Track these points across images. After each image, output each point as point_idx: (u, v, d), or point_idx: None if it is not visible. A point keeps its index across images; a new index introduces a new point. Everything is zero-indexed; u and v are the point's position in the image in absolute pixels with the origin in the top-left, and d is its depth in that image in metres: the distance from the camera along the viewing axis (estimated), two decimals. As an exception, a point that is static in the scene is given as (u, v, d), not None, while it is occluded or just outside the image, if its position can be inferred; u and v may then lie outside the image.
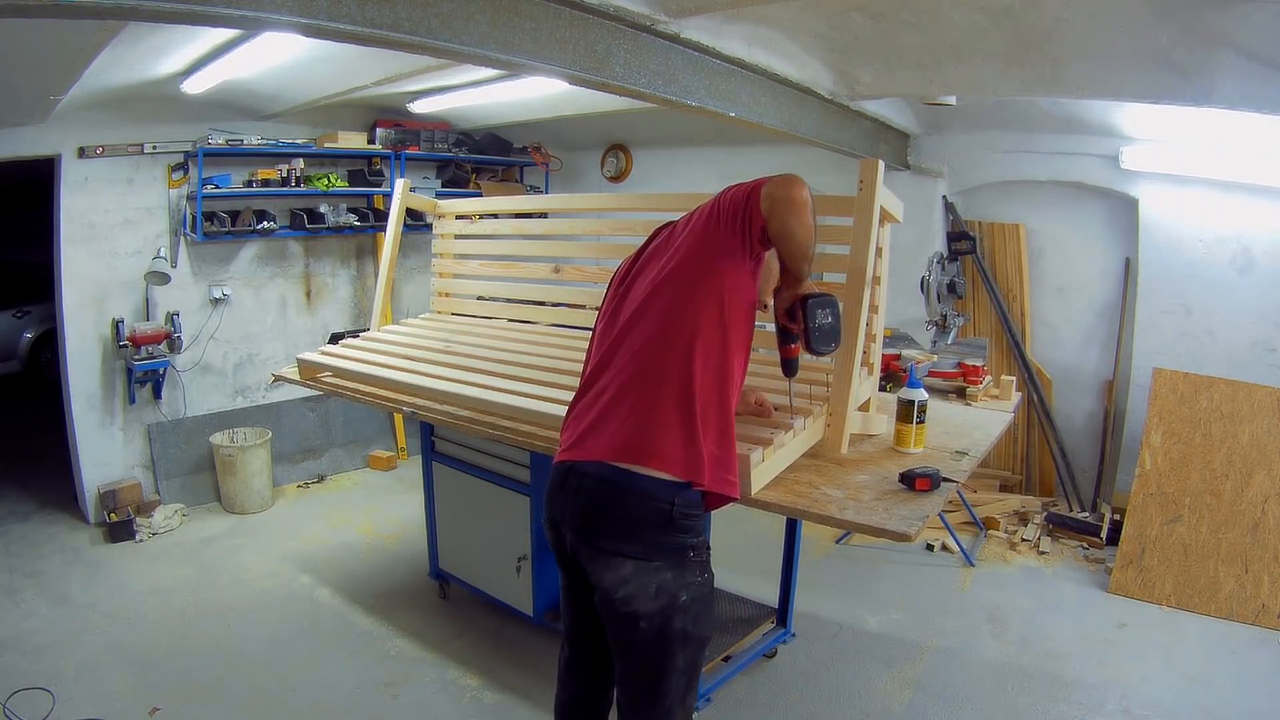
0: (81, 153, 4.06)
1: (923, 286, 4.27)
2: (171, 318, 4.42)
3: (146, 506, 4.32)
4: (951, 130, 4.56)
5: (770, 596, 3.17)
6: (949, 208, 4.68)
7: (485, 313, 3.57)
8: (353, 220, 4.96)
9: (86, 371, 4.26)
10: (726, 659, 2.88)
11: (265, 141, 4.59)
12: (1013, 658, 3.13)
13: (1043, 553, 3.99)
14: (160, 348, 4.31)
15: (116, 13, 1.72)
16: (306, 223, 4.79)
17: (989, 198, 4.68)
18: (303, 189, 4.74)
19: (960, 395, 2.97)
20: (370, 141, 5.09)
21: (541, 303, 3.51)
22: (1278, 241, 3.85)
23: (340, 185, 4.94)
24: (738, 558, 3.74)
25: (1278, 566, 3.39)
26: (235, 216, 4.54)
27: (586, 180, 6.15)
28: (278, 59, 3.32)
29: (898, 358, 3.30)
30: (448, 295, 3.68)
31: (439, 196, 4.37)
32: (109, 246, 4.25)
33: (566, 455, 1.74)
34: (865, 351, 2.28)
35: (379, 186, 5.10)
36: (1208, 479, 3.59)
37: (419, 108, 4.88)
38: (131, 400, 4.39)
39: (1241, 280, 3.96)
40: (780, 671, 3.02)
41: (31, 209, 5.90)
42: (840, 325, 1.80)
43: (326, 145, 4.88)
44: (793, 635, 3.14)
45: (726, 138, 5.11)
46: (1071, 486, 4.46)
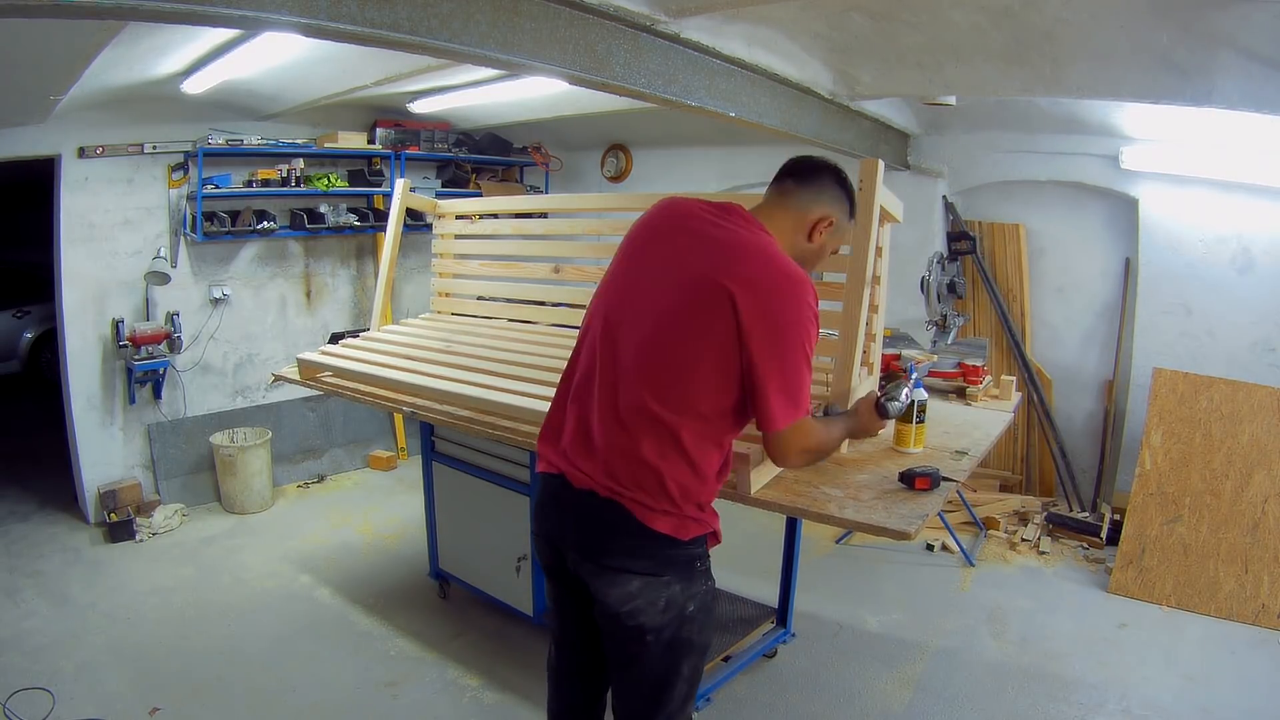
0: (81, 153, 4.06)
1: (923, 286, 4.27)
2: (171, 318, 4.42)
3: (146, 506, 4.32)
4: (951, 130, 4.56)
5: (770, 596, 3.17)
6: (949, 208, 4.68)
7: (485, 313, 3.56)
8: (353, 220, 4.96)
9: (86, 371, 4.26)
10: (726, 659, 2.88)
11: (265, 141, 4.58)
12: (1013, 658, 3.13)
13: (1043, 553, 3.99)
14: (160, 348, 4.31)
15: (116, 13, 1.71)
16: (306, 223, 4.79)
17: (989, 198, 4.68)
18: (303, 189, 4.74)
19: (960, 395, 2.96)
20: (370, 141, 5.09)
21: (541, 303, 3.51)
22: (1278, 241, 3.85)
23: (340, 185, 4.94)
24: (738, 558, 3.74)
25: (1278, 566, 3.39)
26: (235, 216, 4.54)
27: (586, 180, 6.15)
28: (278, 59, 3.32)
29: (898, 358, 3.30)
30: (448, 295, 3.68)
31: (439, 196, 4.37)
32: (109, 246, 4.25)
33: (560, 468, 1.68)
34: (865, 351, 2.27)
35: (379, 186, 5.10)
36: (1208, 479, 3.59)
37: (419, 108, 4.88)
38: (131, 400, 4.39)
39: (1241, 280, 3.96)
40: (780, 671, 3.02)
41: (31, 209, 5.90)
42: (906, 395, 1.86)
43: (326, 145, 4.87)
44: (793, 635, 3.14)
45: (726, 138, 5.11)
46: (1071, 486, 4.46)
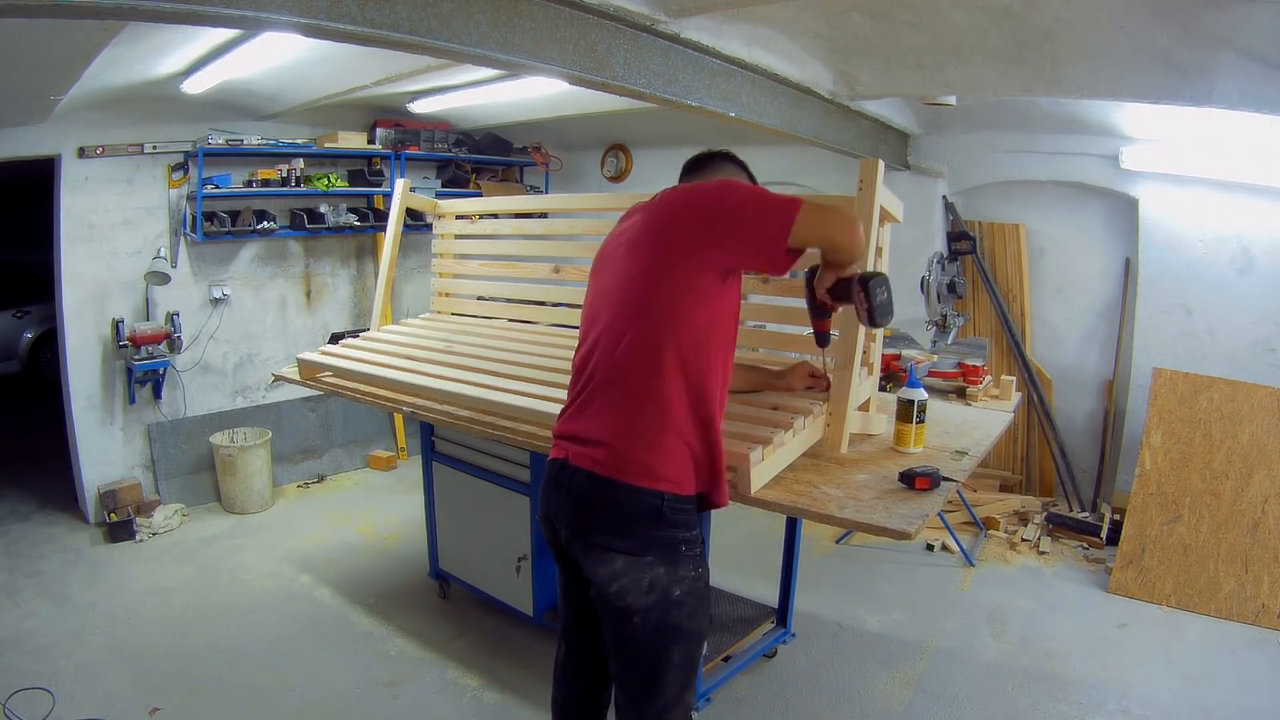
0: (81, 153, 4.06)
1: (923, 286, 4.27)
2: (171, 318, 4.42)
3: (146, 506, 4.32)
4: (951, 130, 4.56)
5: (770, 596, 3.17)
6: (949, 208, 4.68)
7: (485, 313, 3.56)
8: (353, 220, 4.96)
9: (86, 371, 4.26)
10: (726, 659, 2.88)
11: (265, 141, 4.59)
12: (1013, 658, 3.13)
13: (1043, 553, 3.99)
14: (160, 348, 4.31)
15: (116, 13, 1.71)
16: (306, 223, 4.79)
17: (989, 198, 4.68)
18: (303, 189, 4.74)
19: (960, 395, 2.97)
20: (370, 141, 5.09)
21: (541, 303, 3.51)
22: (1278, 241, 3.85)
23: (340, 185, 4.94)
24: (738, 558, 3.75)
25: (1278, 566, 3.39)
26: (235, 216, 4.54)
27: (586, 180, 6.15)
28: (278, 59, 3.32)
29: (898, 358, 3.30)
30: (448, 295, 3.68)
31: (439, 196, 4.37)
32: (109, 246, 4.25)
33: (560, 453, 1.76)
34: (865, 351, 2.28)
35: (379, 186, 5.10)
36: (1208, 479, 3.59)
37: (419, 108, 4.88)
38: (131, 400, 4.39)
39: (1241, 280, 3.96)
40: (780, 671, 3.02)
41: (31, 209, 5.90)
42: (893, 298, 1.79)
43: (326, 145, 4.88)
44: (793, 635, 3.15)
45: (726, 138, 5.08)
46: (1071, 486, 4.46)
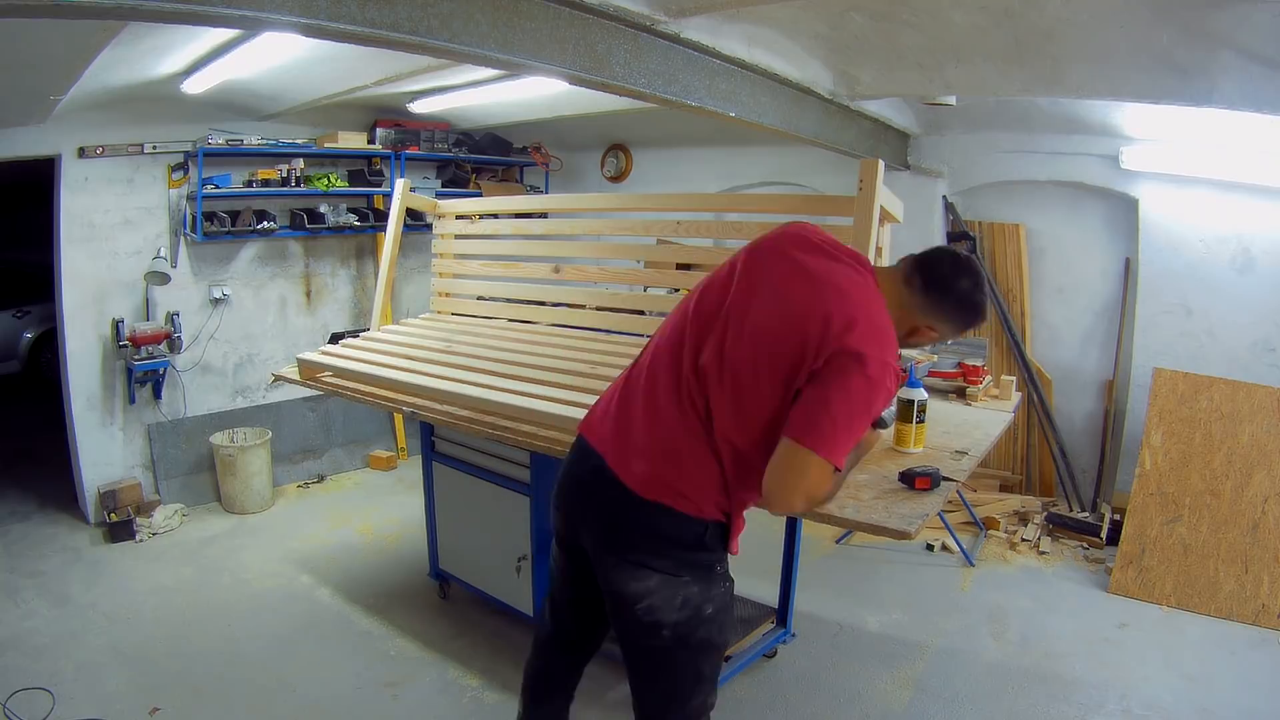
0: (81, 153, 4.06)
1: (923, 286, 4.26)
2: (171, 318, 4.42)
3: (146, 506, 4.32)
4: (951, 130, 4.56)
5: (770, 596, 3.17)
6: (949, 208, 4.68)
7: (485, 313, 3.57)
8: (353, 220, 4.96)
9: (86, 371, 4.26)
10: (727, 659, 2.87)
11: (265, 141, 4.58)
12: (1013, 658, 3.13)
13: (1043, 553, 3.99)
14: (160, 348, 4.31)
15: (116, 13, 1.72)
16: (306, 223, 4.79)
17: (989, 198, 4.68)
18: (303, 189, 4.74)
19: (960, 395, 2.96)
20: (370, 141, 5.09)
21: (541, 303, 3.51)
22: (1278, 241, 3.85)
23: (340, 185, 4.94)
24: (738, 558, 3.74)
25: (1278, 566, 3.39)
26: (235, 216, 4.54)
27: (586, 180, 6.15)
28: (278, 59, 3.32)
29: (897, 358, 3.30)
30: (448, 295, 3.68)
31: (439, 196, 4.37)
32: (109, 246, 4.25)
33: (600, 450, 1.67)
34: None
35: (379, 186, 5.10)
36: (1208, 479, 3.59)
37: (419, 108, 4.88)
38: (131, 400, 4.39)
39: (1241, 280, 3.96)
40: (780, 671, 3.02)
41: (31, 209, 5.90)
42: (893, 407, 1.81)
43: (326, 145, 4.87)
44: (793, 635, 3.14)
45: (726, 138, 5.11)
46: (1071, 486, 4.46)
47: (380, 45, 2.04)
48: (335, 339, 3.43)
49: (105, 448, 4.36)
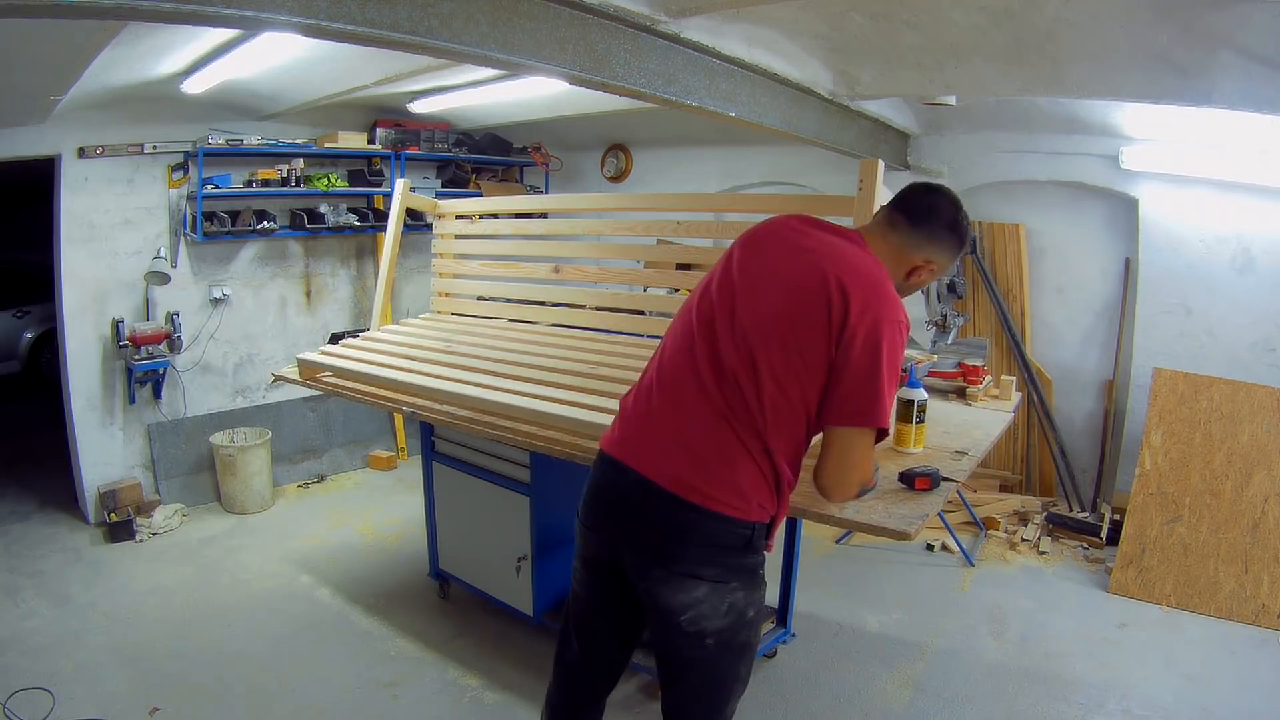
0: (81, 153, 4.06)
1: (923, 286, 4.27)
2: (171, 318, 4.42)
3: (146, 506, 4.32)
4: (951, 130, 4.56)
5: (770, 596, 3.14)
6: (949, 208, 4.67)
7: (485, 313, 3.56)
8: (353, 220, 4.96)
9: (86, 371, 4.26)
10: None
11: (265, 141, 4.58)
12: (1013, 658, 3.13)
13: (1043, 553, 3.99)
14: (160, 348, 4.30)
15: (116, 13, 1.71)
16: (306, 223, 4.79)
17: (989, 198, 4.67)
18: (303, 189, 4.74)
19: (960, 395, 2.96)
20: (370, 141, 5.09)
21: (541, 303, 3.51)
22: (1278, 241, 3.85)
23: (340, 185, 4.94)
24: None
25: (1278, 566, 3.39)
26: (235, 216, 4.54)
27: (586, 180, 6.15)
28: (278, 59, 3.32)
29: (898, 358, 3.29)
30: (448, 295, 3.68)
31: (439, 196, 4.37)
32: (109, 246, 4.25)
33: (634, 463, 1.63)
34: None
35: (379, 186, 5.10)
36: (1208, 479, 3.59)
37: (419, 108, 4.88)
38: (131, 400, 4.39)
39: (1241, 280, 3.96)
40: (780, 671, 3.02)
41: (31, 209, 5.90)
42: None
43: (326, 145, 4.87)
44: (793, 635, 3.15)
45: (727, 138, 5.11)
46: (1071, 486, 4.46)
47: (380, 45, 2.04)
48: (335, 339, 3.43)
49: (105, 448, 4.36)
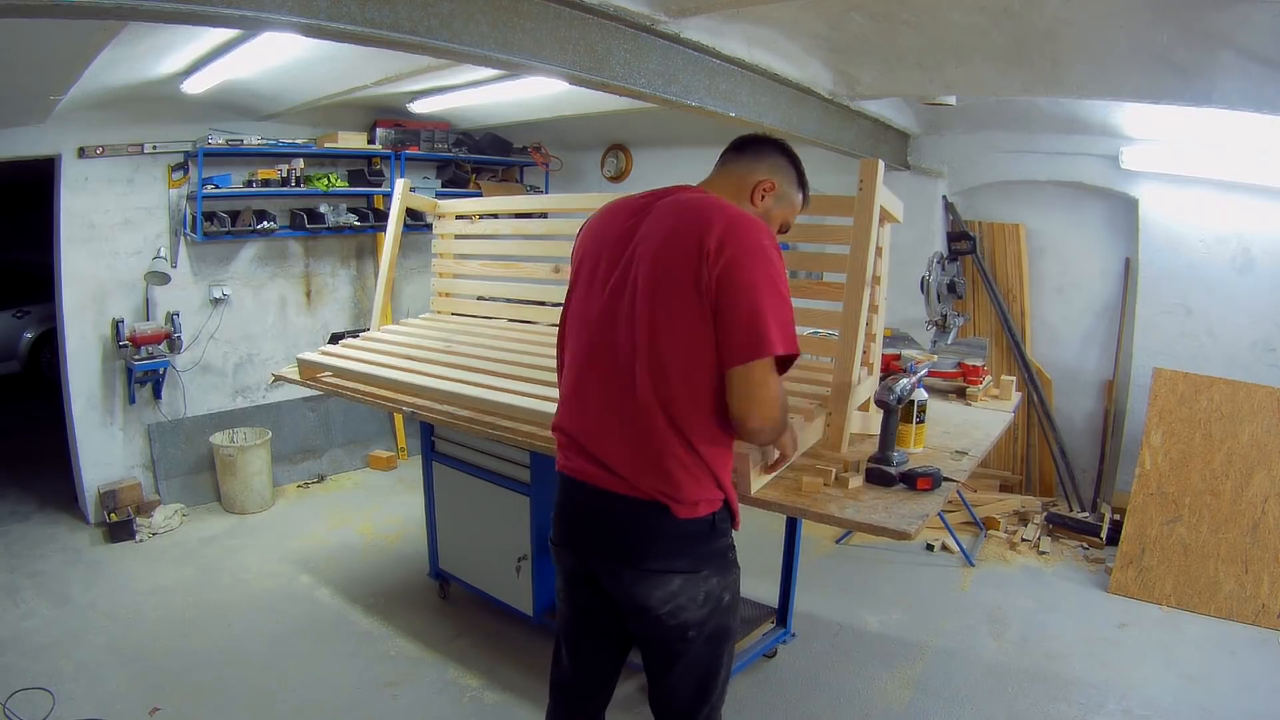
0: (81, 153, 4.06)
1: (923, 286, 4.27)
2: (171, 318, 4.42)
3: (146, 506, 4.32)
4: (951, 130, 4.56)
5: (770, 596, 3.17)
6: (949, 208, 4.68)
7: (485, 313, 3.57)
8: (353, 220, 4.96)
9: (86, 371, 4.26)
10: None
11: (265, 141, 4.58)
12: (1013, 658, 3.14)
13: (1043, 553, 3.99)
14: (160, 348, 4.30)
15: (116, 13, 1.71)
16: (306, 223, 4.79)
17: (989, 198, 4.68)
18: (303, 189, 4.74)
19: (960, 395, 2.96)
20: (370, 141, 5.09)
21: (541, 303, 3.51)
22: (1278, 241, 3.85)
23: (340, 185, 4.94)
24: (738, 557, 3.74)
25: (1278, 566, 3.39)
26: (235, 216, 4.54)
27: (586, 180, 6.15)
28: (278, 59, 3.32)
29: (898, 358, 3.30)
30: (448, 295, 3.68)
31: (439, 196, 4.37)
32: (109, 246, 4.25)
33: (586, 477, 1.65)
34: (865, 351, 2.27)
35: (379, 186, 5.10)
36: (1208, 479, 3.59)
37: (419, 108, 4.87)
38: (131, 400, 4.39)
39: (1241, 280, 3.96)
40: (780, 671, 3.02)
41: (31, 209, 5.90)
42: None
43: (326, 145, 4.87)
44: (793, 635, 3.15)
45: (727, 138, 5.05)
46: (1071, 486, 4.46)
47: (380, 45, 2.04)
48: (335, 339, 3.43)
49: (105, 448, 4.36)
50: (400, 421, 5.47)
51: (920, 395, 2.16)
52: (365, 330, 3.55)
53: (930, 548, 4.05)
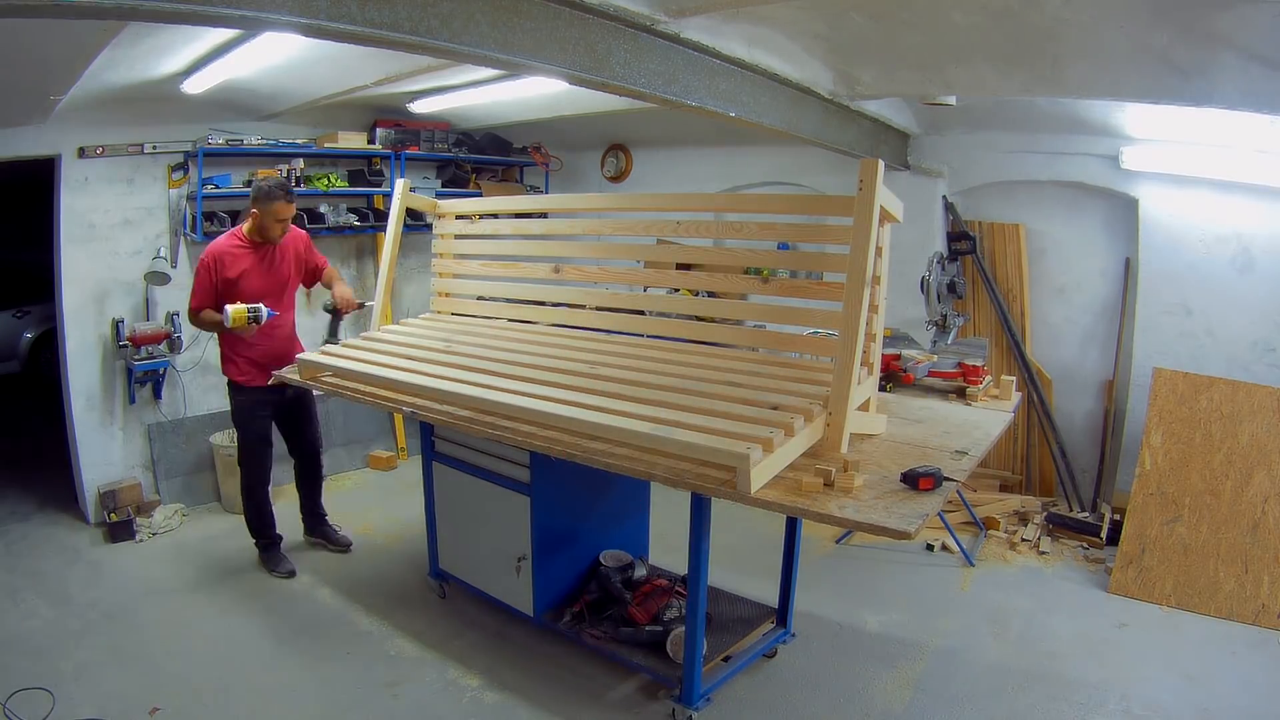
0: (81, 153, 4.06)
1: (923, 286, 4.27)
2: (171, 318, 4.42)
3: (146, 506, 4.32)
4: (951, 130, 4.56)
5: (770, 596, 3.17)
6: (949, 208, 4.68)
7: (485, 313, 3.57)
8: (353, 220, 4.96)
9: (86, 371, 4.26)
10: (726, 659, 2.88)
11: (265, 141, 4.59)
12: (1013, 658, 3.14)
13: (1043, 553, 3.99)
14: (160, 348, 4.31)
15: (116, 13, 1.72)
16: (306, 223, 4.78)
17: (989, 198, 4.68)
18: (303, 189, 4.74)
19: (960, 395, 2.97)
20: (370, 141, 5.09)
21: (541, 303, 3.52)
22: (1278, 241, 3.85)
23: (340, 185, 4.94)
24: (738, 558, 3.75)
25: (1278, 566, 3.39)
26: (235, 216, 4.53)
27: (586, 180, 6.16)
28: (278, 59, 3.32)
29: (898, 358, 3.30)
30: (448, 295, 3.68)
31: (439, 196, 4.37)
32: (109, 246, 4.25)
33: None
34: (865, 351, 2.28)
35: (379, 186, 5.10)
36: (1208, 479, 3.59)
37: (419, 108, 4.88)
38: (131, 400, 4.39)
39: (1241, 280, 3.96)
40: (780, 671, 3.02)
41: (31, 209, 5.90)
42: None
43: (326, 145, 4.88)
44: (793, 635, 3.14)
45: (726, 138, 5.11)
46: (1071, 486, 4.46)
47: (380, 45, 2.04)
48: (330, 311, 3.65)
49: (105, 448, 4.36)
50: (400, 421, 5.47)
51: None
52: (365, 330, 3.55)
53: (930, 548, 4.05)
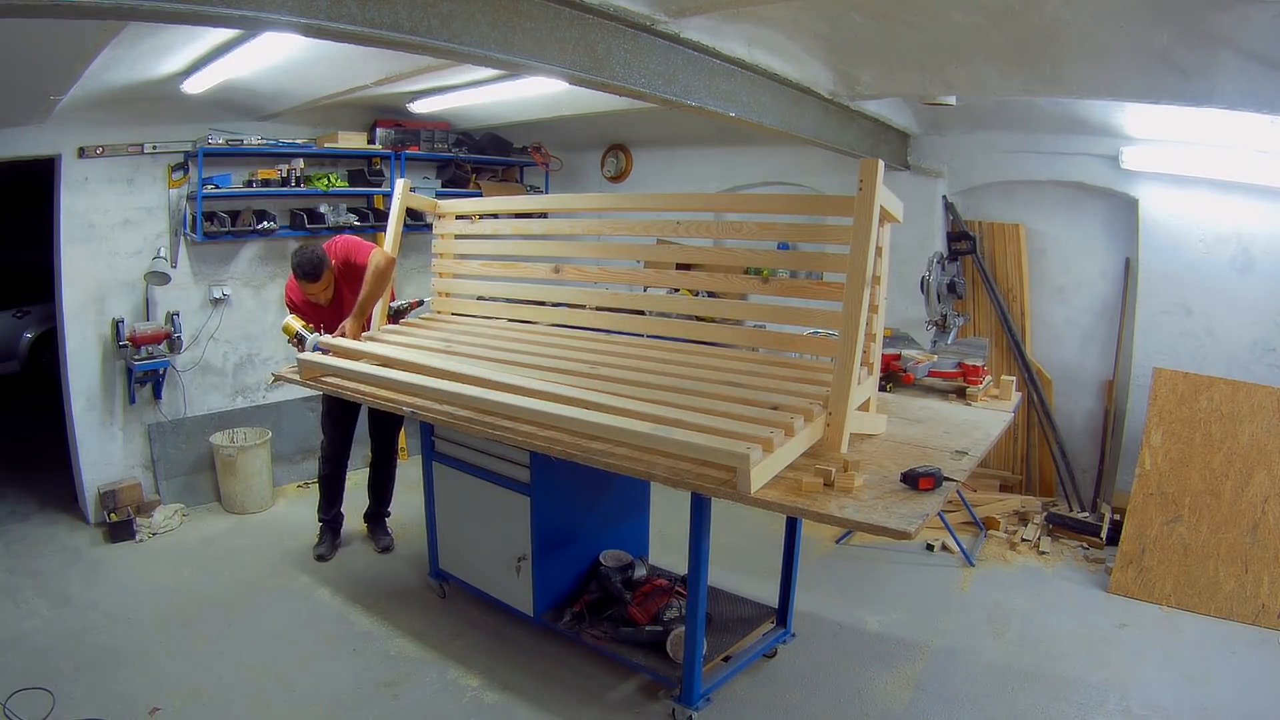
0: (81, 153, 4.06)
1: (923, 286, 4.27)
2: (171, 318, 4.42)
3: (146, 506, 4.32)
4: (951, 130, 4.56)
5: (770, 596, 3.17)
6: (949, 208, 4.68)
7: (485, 313, 3.57)
8: (353, 220, 4.96)
9: (86, 371, 4.26)
10: (726, 659, 2.88)
11: (265, 141, 4.59)
12: (1013, 658, 3.14)
13: (1043, 553, 3.99)
14: (160, 348, 4.31)
15: (116, 13, 1.72)
16: (306, 223, 4.79)
17: (989, 198, 4.68)
18: (303, 189, 4.74)
19: (960, 395, 2.97)
20: (370, 141, 5.09)
21: (541, 303, 3.52)
22: (1278, 241, 3.85)
23: (340, 185, 4.94)
24: (738, 558, 3.75)
25: (1278, 566, 3.39)
26: (235, 216, 4.54)
27: (586, 180, 6.16)
28: (278, 59, 3.32)
29: (898, 358, 3.30)
30: (448, 295, 3.68)
31: (439, 196, 4.37)
32: (109, 246, 4.25)
33: None
34: (865, 351, 2.28)
35: (379, 186, 5.10)
36: (1208, 479, 3.59)
37: (419, 108, 4.88)
38: (131, 400, 4.39)
39: (1241, 280, 3.96)
40: (780, 671, 3.02)
41: (31, 209, 5.90)
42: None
43: (326, 145, 4.88)
44: (793, 635, 3.15)
45: (726, 138, 5.11)
46: (1071, 486, 4.46)
47: (380, 45, 2.04)
48: (396, 316, 3.68)
49: (105, 448, 4.36)
50: (400, 421, 5.46)
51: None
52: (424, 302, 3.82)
53: (930, 548, 4.05)
